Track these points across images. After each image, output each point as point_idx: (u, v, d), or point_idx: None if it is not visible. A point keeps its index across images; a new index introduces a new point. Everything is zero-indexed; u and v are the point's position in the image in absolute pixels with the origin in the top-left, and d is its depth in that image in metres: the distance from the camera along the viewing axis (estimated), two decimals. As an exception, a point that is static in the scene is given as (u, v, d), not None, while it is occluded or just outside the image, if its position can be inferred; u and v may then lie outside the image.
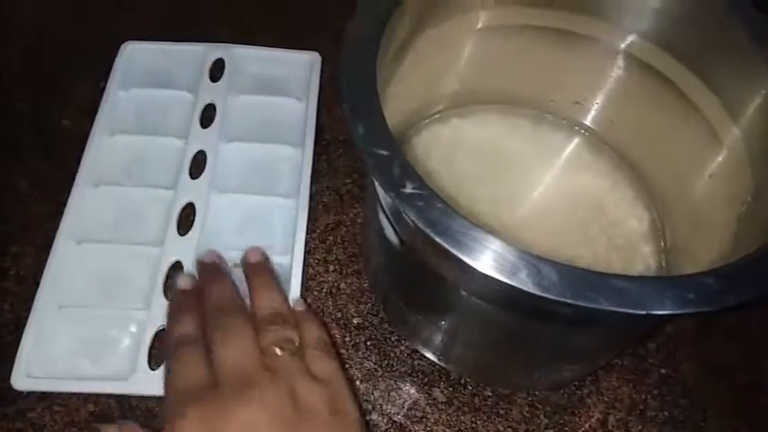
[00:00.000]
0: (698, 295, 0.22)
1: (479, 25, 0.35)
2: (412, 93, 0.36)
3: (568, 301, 0.22)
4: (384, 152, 0.25)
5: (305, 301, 0.39)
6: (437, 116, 0.42)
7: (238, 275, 0.37)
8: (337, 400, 0.31)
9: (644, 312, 0.22)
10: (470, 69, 0.39)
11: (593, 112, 0.41)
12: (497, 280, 0.22)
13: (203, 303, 0.35)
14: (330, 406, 0.30)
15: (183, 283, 0.37)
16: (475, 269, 0.22)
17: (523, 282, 0.22)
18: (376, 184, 0.29)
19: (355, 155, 0.48)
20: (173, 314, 0.35)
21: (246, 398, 0.29)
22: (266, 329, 0.32)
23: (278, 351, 0.31)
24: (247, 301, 0.35)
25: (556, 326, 0.29)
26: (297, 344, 0.32)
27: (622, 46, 0.35)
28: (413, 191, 0.24)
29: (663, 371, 0.40)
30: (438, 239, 0.23)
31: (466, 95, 0.41)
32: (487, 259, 0.22)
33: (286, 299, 0.36)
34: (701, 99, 0.33)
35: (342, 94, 0.26)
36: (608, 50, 0.36)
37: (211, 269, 0.37)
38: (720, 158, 0.33)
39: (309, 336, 0.33)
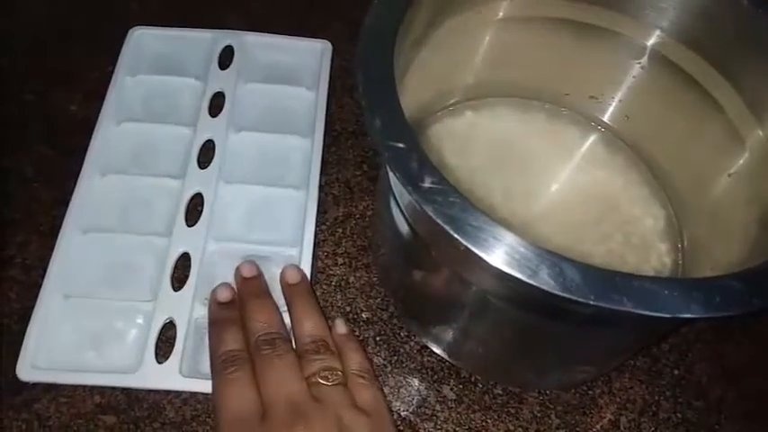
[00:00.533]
0: (724, 299, 0.21)
1: (499, 16, 0.34)
2: (427, 84, 0.35)
3: (592, 302, 0.21)
4: (401, 145, 0.24)
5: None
6: (451, 108, 0.41)
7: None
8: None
9: (669, 316, 0.21)
10: (487, 61, 0.38)
11: (609, 108, 0.40)
12: (517, 279, 0.22)
13: (245, 319, 0.35)
14: None
15: (222, 295, 0.36)
16: (494, 267, 0.22)
17: (545, 282, 0.21)
18: (392, 177, 0.28)
19: (365, 146, 0.47)
20: (215, 329, 0.35)
21: (294, 429, 0.29)
22: (311, 359, 0.33)
23: (323, 381, 0.32)
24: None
25: (572, 326, 0.28)
26: (341, 373, 0.33)
27: (645, 41, 0.34)
28: (431, 185, 0.23)
29: (676, 372, 0.40)
30: (457, 236, 0.22)
31: (480, 88, 0.40)
32: (507, 258, 0.22)
33: (326, 323, 0.36)
34: (724, 98, 0.32)
35: (358, 86, 0.26)
36: (629, 45, 0.35)
37: (253, 286, 0.37)
38: (742, 159, 0.32)
39: (352, 363, 0.34)
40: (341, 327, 0.36)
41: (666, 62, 0.34)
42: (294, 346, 0.34)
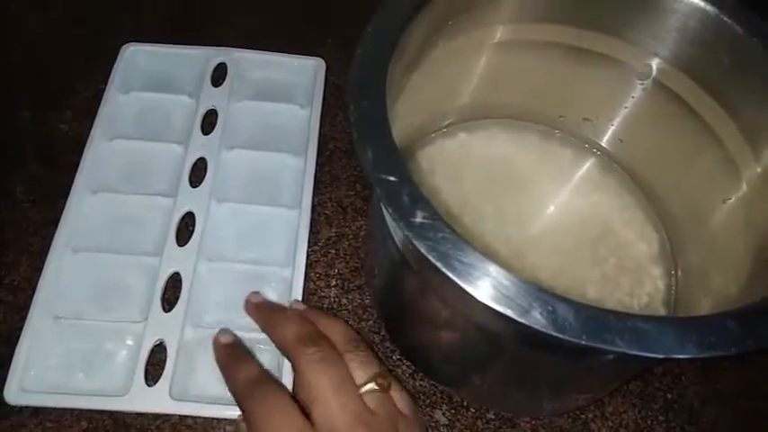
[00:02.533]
0: (719, 339, 0.21)
1: (495, 39, 0.34)
2: (420, 107, 0.35)
3: (584, 343, 0.21)
4: (393, 178, 0.24)
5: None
6: (444, 130, 0.41)
7: None
8: None
9: (663, 356, 0.21)
10: (481, 84, 0.38)
11: (603, 131, 0.40)
12: (509, 318, 0.21)
13: (275, 340, 0.33)
14: None
15: (223, 338, 0.36)
16: (485, 305, 0.21)
17: (537, 321, 0.21)
18: (384, 211, 0.28)
19: (358, 166, 0.47)
20: (227, 364, 0.34)
21: None
22: (357, 361, 0.31)
23: (376, 387, 0.30)
24: None
25: (567, 358, 0.28)
26: (387, 379, 0.31)
27: (641, 67, 0.34)
28: (423, 220, 0.23)
29: (669, 396, 0.40)
30: (449, 274, 0.22)
31: (474, 110, 0.40)
32: (498, 295, 0.22)
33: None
34: (720, 126, 0.32)
35: (350, 116, 0.25)
36: (625, 70, 0.35)
37: (268, 307, 0.37)
38: (737, 187, 0.32)
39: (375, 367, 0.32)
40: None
41: (663, 88, 0.34)
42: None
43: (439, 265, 0.22)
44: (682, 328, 0.21)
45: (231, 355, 0.34)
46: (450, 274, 0.22)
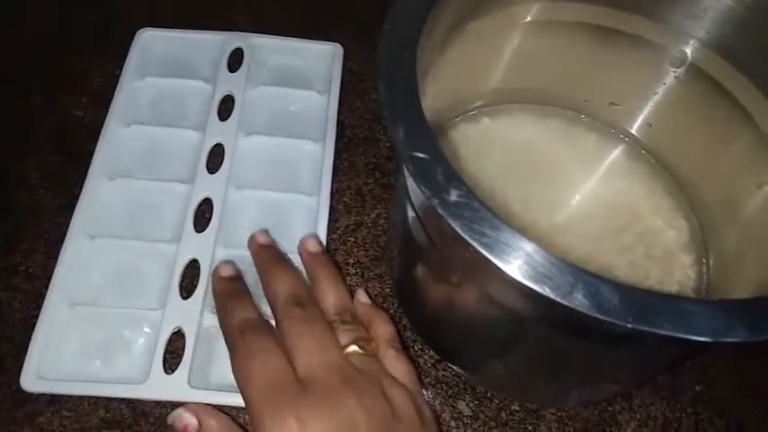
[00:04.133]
0: (770, 322, 0.20)
1: (527, 19, 0.33)
2: (445, 90, 0.34)
3: (630, 325, 0.20)
4: (426, 156, 0.23)
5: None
6: (466, 115, 0.40)
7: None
8: (420, 406, 0.29)
9: (711, 340, 0.20)
10: (508, 67, 0.37)
11: (630, 115, 0.39)
12: (551, 299, 0.20)
13: (265, 287, 0.33)
14: (417, 411, 0.29)
15: (224, 271, 0.35)
16: (527, 287, 0.21)
17: (581, 303, 0.20)
18: (413, 188, 0.27)
19: (377, 153, 0.46)
20: (223, 301, 0.33)
21: (344, 398, 0.27)
22: (341, 329, 0.31)
23: (360, 350, 0.30)
24: None
25: (599, 343, 0.27)
26: (374, 344, 0.31)
27: (675, 49, 0.33)
28: (458, 198, 0.22)
29: (697, 387, 0.39)
30: (486, 254, 0.21)
31: (499, 94, 0.39)
32: (540, 277, 0.21)
33: (349, 294, 0.34)
34: (755, 107, 0.31)
35: (381, 93, 0.25)
36: (656, 53, 0.34)
37: (270, 252, 0.36)
38: (775, 170, 0.31)
39: (382, 334, 0.32)
40: (363, 297, 0.35)
41: (697, 72, 0.33)
42: None
43: (475, 244, 0.21)
44: (731, 310, 0.20)
45: (229, 292, 0.34)
46: (488, 254, 0.21)
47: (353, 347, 0.30)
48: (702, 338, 0.20)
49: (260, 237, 0.37)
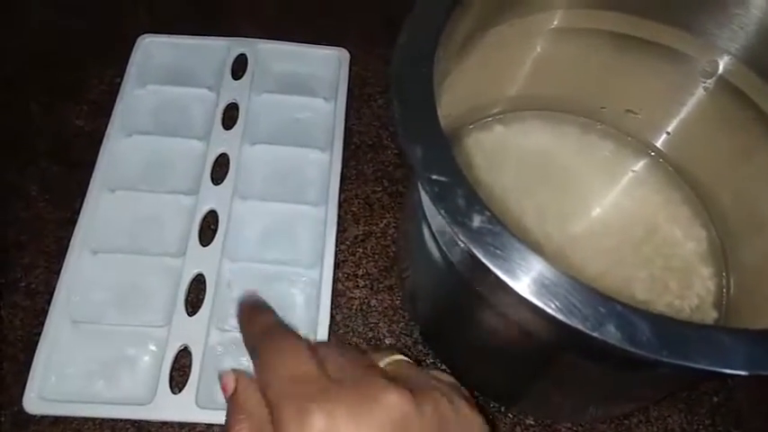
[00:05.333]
0: (810, 353, 0.19)
1: (552, 26, 0.32)
2: (461, 98, 0.33)
3: (665, 359, 0.19)
4: (445, 179, 0.22)
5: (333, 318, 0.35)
6: (480, 122, 0.39)
7: None
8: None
9: (748, 374, 0.19)
10: (527, 74, 0.36)
11: (648, 124, 0.38)
12: (580, 331, 0.20)
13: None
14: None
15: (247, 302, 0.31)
16: (556, 319, 0.20)
17: (613, 336, 0.19)
18: (431, 209, 0.26)
19: (385, 160, 0.45)
20: (247, 312, 0.29)
21: (386, 385, 0.23)
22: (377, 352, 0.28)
23: (403, 357, 0.27)
24: None
25: (624, 369, 0.26)
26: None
27: (706, 61, 0.32)
28: (481, 225, 0.21)
29: (715, 399, 0.38)
30: (511, 284, 0.20)
31: (515, 101, 0.38)
32: (570, 308, 0.20)
33: None
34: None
35: (394, 111, 0.23)
36: (688, 63, 0.32)
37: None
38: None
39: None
40: None
41: (723, 81, 0.32)
42: None
43: (504, 277, 0.20)
44: (766, 340, 0.20)
45: (253, 303, 0.31)
46: (516, 287, 0.20)
47: (397, 356, 0.27)
48: (738, 372, 0.19)
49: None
